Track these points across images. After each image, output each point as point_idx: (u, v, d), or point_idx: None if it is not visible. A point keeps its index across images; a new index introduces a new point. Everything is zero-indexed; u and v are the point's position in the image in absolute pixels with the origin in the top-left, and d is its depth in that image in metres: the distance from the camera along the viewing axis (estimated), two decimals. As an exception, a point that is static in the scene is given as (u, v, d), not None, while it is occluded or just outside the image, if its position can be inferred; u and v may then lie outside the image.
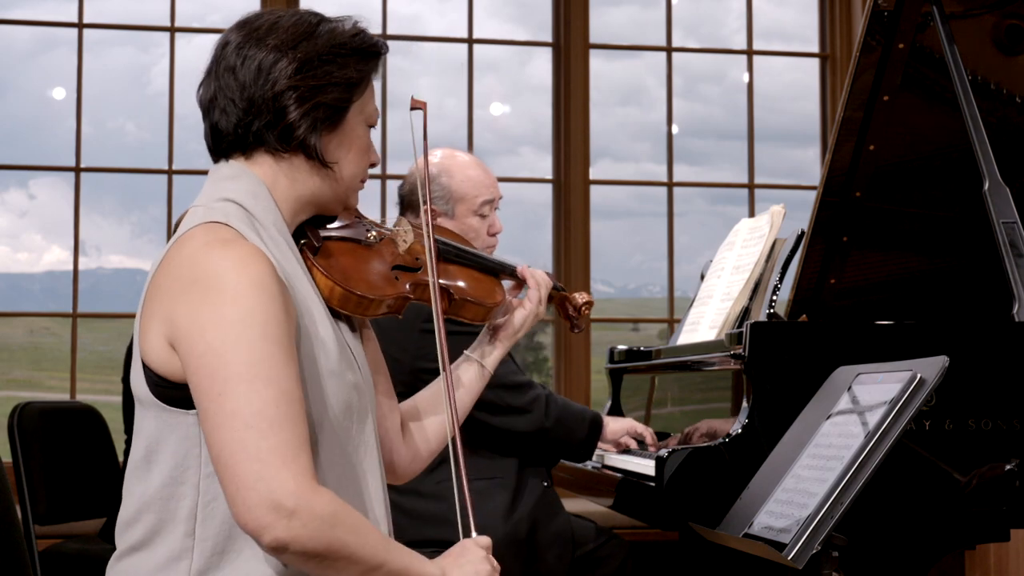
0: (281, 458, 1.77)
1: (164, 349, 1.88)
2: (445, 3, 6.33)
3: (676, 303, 5.96)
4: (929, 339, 2.91)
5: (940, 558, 2.96)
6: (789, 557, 2.07)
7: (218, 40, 2.06)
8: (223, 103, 2.00)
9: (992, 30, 3.47)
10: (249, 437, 1.77)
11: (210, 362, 1.80)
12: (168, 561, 1.90)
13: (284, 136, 2.00)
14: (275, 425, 1.78)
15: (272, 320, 1.83)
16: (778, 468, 2.36)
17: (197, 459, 1.89)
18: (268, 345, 1.81)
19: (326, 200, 2.08)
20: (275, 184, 2.02)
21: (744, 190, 6.05)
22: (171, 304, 1.86)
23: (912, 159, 3.55)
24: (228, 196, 1.98)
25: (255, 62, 1.98)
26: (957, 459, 2.85)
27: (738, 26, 6.28)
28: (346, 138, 2.05)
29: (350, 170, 2.08)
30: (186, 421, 1.89)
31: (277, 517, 1.75)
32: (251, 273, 1.84)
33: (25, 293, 8.71)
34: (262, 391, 1.79)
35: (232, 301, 1.82)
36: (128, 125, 7.17)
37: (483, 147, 5.83)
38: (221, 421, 1.79)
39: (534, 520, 3.58)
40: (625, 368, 3.92)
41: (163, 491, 1.91)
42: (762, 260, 3.41)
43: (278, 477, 1.76)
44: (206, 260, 1.85)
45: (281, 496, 1.75)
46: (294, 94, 1.98)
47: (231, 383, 1.79)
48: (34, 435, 4.14)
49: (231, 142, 2.03)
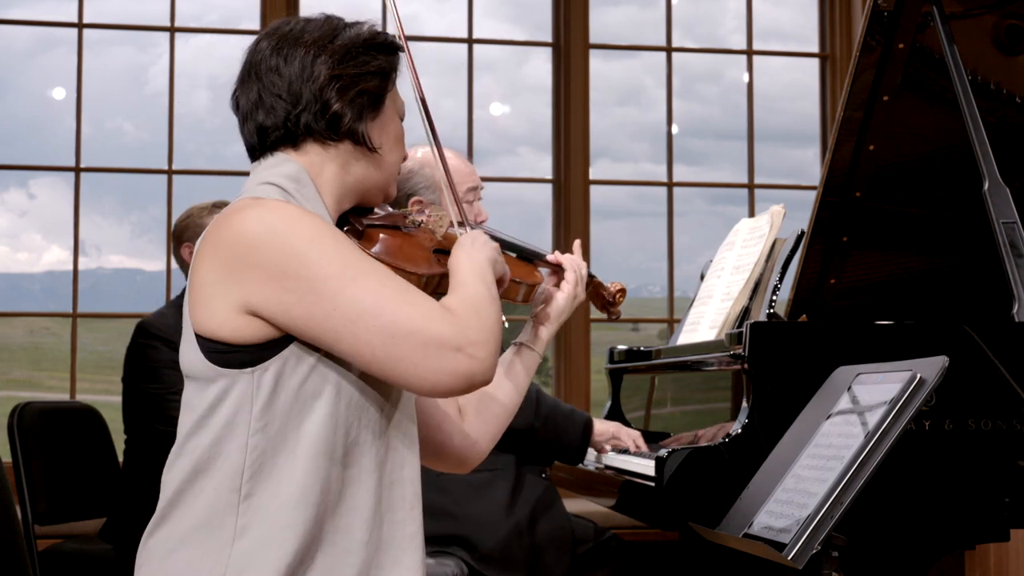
0: (423, 316, 1.92)
1: (232, 314, 1.96)
2: (443, 3, 6.33)
3: (676, 303, 5.96)
4: (929, 339, 2.91)
5: (940, 558, 2.96)
6: (789, 557, 2.07)
7: (249, 48, 2.17)
8: (269, 101, 2.11)
9: (992, 30, 3.46)
10: (386, 321, 1.91)
11: (309, 290, 1.92)
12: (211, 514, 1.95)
13: (332, 124, 2.10)
14: (396, 299, 1.92)
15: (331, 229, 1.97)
16: (778, 468, 2.36)
17: (248, 415, 1.96)
18: (344, 246, 1.95)
19: (372, 185, 2.18)
20: (321, 171, 2.12)
21: (743, 190, 6.05)
22: (235, 271, 1.95)
23: (912, 159, 3.55)
24: (269, 180, 2.07)
25: (296, 59, 2.10)
26: (957, 459, 2.85)
27: (735, 26, 6.28)
28: (385, 126, 2.18)
29: (391, 156, 2.19)
30: (241, 381, 1.97)
31: (467, 356, 1.93)
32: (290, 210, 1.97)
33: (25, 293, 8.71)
34: (365, 283, 1.93)
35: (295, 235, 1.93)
36: (126, 125, 7.17)
37: (482, 147, 5.84)
38: (354, 330, 1.91)
39: (535, 516, 3.59)
40: (625, 368, 3.92)
41: (211, 447, 1.97)
42: (762, 260, 3.41)
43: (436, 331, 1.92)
44: (248, 219, 1.96)
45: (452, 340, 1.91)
46: (338, 83, 2.10)
47: (338, 295, 1.91)
48: (34, 435, 4.14)
49: (280, 136, 2.12)
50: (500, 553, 3.55)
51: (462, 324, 1.93)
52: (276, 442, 1.95)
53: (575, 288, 2.48)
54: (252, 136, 2.14)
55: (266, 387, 1.96)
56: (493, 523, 3.56)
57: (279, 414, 1.96)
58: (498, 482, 3.58)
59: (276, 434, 1.96)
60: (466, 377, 1.92)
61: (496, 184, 5.74)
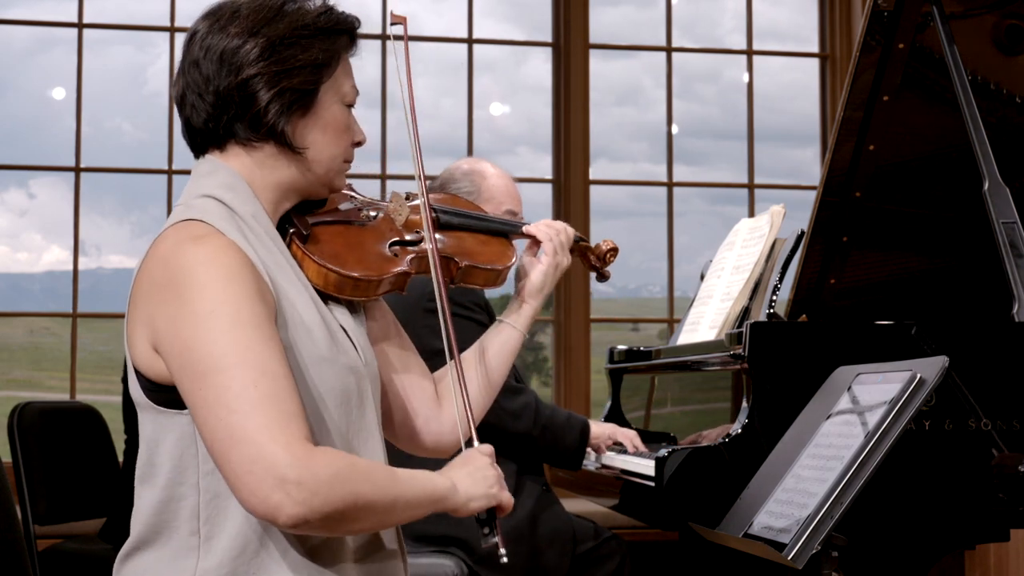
0: (269, 434, 1.74)
1: (149, 353, 1.88)
2: (441, 3, 6.33)
3: (676, 303, 5.96)
4: (929, 339, 2.91)
5: (940, 558, 2.96)
6: (789, 557, 2.07)
7: (187, 33, 2.04)
8: (192, 98, 1.98)
9: (992, 30, 3.46)
10: (234, 421, 1.75)
11: (187, 359, 1.80)
12: (173, 559, 1.90)
13: (253, 125, 1.97)
14: (257, 405, 1.76)
15: (244, 306, 1.82)
16: (778, 468, 2.36)
17: (194, 458, 1.89)
18: (240, 331, 1.80)
19: (305, 186, 2.05)
20: (252, 175, 2.00)
21: (742, 190, 6.05)
22: (150, 308, 1.87)
23: (912, 159, 3.55)
24: (205, 192, 1.96)
25: (217, 52, 1.96)
26: (957, 459, 2.85)
27: (733, 26, 6.28)
28: (320, 120, 2.01)
29: (328, 152, 2.03)
30: (180, 421, 1.89)
31: (283, 493, 1.72)
32: (220, 264, 1.83)
33: (25, 293, 8.71)
34: (239, 375, 1.77)
35: (201, 296, 1.81)
36: (125, 125, 7.17)
37: (481, 147, 5.84)
38: (205, 413, 1.78)
39: (535, 517, 3.59)
40: (625, 368, 3.92)
41: (165, 492, 1.91)
42: (762, 260, 3.41)
43: (272, 453, 1.73)
44: (177, 259, 1.85)
45: (280, 470, 1.72)
46: (259, 80, 1.95)
47: (208, 375, 1.78)
48: (34, 435, 4.14)
49: (204, 137, 2.01)
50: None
51: (305, 464, 1.74)
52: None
53: (554, 258, 2.34)
54: (183, 134, 2.04)
55: None
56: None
57: None
58: (498, 482, 3.58)
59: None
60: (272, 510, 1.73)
61: (496, 184, 5.72)
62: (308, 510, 1.73)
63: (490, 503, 2.00)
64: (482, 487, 1.99)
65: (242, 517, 1.87)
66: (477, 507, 1.98)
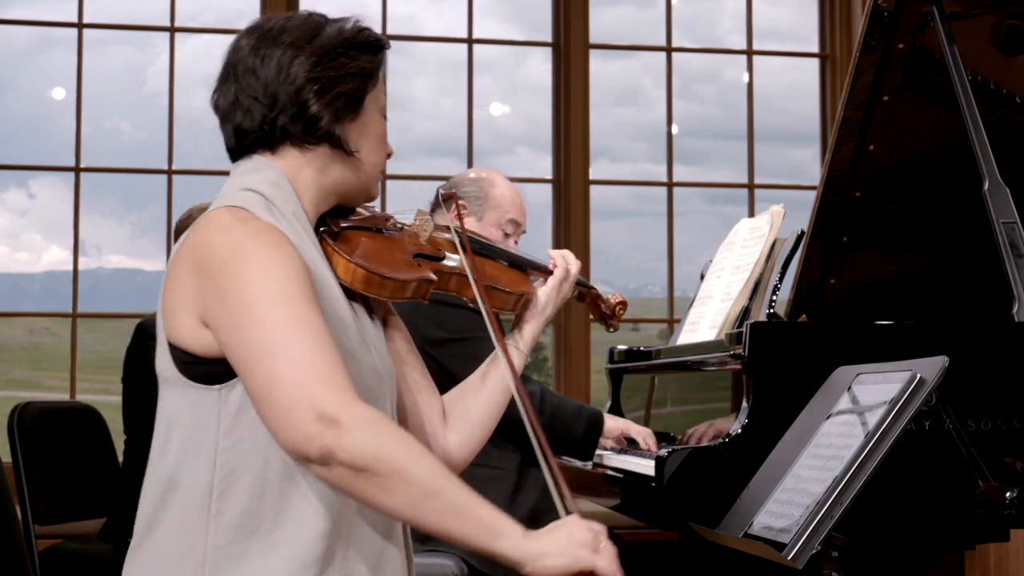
0: (315, 377, 1.81)
1: (194, 326, 1.94)
2: (441, 3, 6.33)
3: (676, 303, 5.96)
4: (929, 339, 2.91)
5: (940, 558, 2.96)
6: (789, 557, 2.07)
7: (230, 46, 2.14)
8: (246, 103, 2.08)
9: (992, 30, 3.46)
10: (278, 366, 1.82)
11: (236, 320, 1.87)
12: (182, 534, 1.94)
13: (309, 127, 2.07)
14: (302, 352, 1.83)
15: (291, 270, 1.90)
16: (778, 468, 2.36)
17: (215, 433, 1.94)
18: (286, 288, 1.88)
19: (350, 188, 2.14)
20: (299, 175, 2.09)
21: (742, 190, 6.05)
22: (196, 283, 1.93)
23: (912, 159, 3.55)
24: (248, 186, 2.04)
25: (274, 60, 2.06)
26: (957, 459, 2.84)
27: (732, 26, 6.28)
28: (365, 127, 2.13)
29: (371, 158, 2.15)
30: (209, 397, 1.95)
31: (320, 425, 1.77)
32: (266, 240, 1.92)
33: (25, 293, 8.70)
34: (284, 325, 1.85)
35: (248, 262, 1.89)
36: (124, 125, 7.16)
37: (480, 147, 5.84)
38: (252, 364, 1.85)
39: (535, 512, 3.60)
40: (625, 368, 3.92)
41: (179, 467, 1.96)
42: (762, 260, 3.41)
43: (315, 392, 1.80)
44: (222, 238, 1.93)
45: (321, 405, 1.79)
46: (315, 86, 2.06)
47: (255, 328, 1.85)
48: (34, 435, 4.14)
49: (257, 139, 2.09)
50: None
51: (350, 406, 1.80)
52: (244, 460, 1.93)
53: (560, 283, 2.40)
54: (230, 138, 2.12)
55: (233, 404, 1.93)
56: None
57: (247, 432, 1.93)
58: (500, 479, 3.59)
59: (245, 453, 1.93)
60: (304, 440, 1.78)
61: (496, 184, 5.73)
62: (338, 445, 1.77)
63: (574, 565, 1.80)
64: (564, 545, 1.81)
65: (256, 495, 1.92)
66: (555, 564, 1.79)
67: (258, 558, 1.92)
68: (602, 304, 2.66)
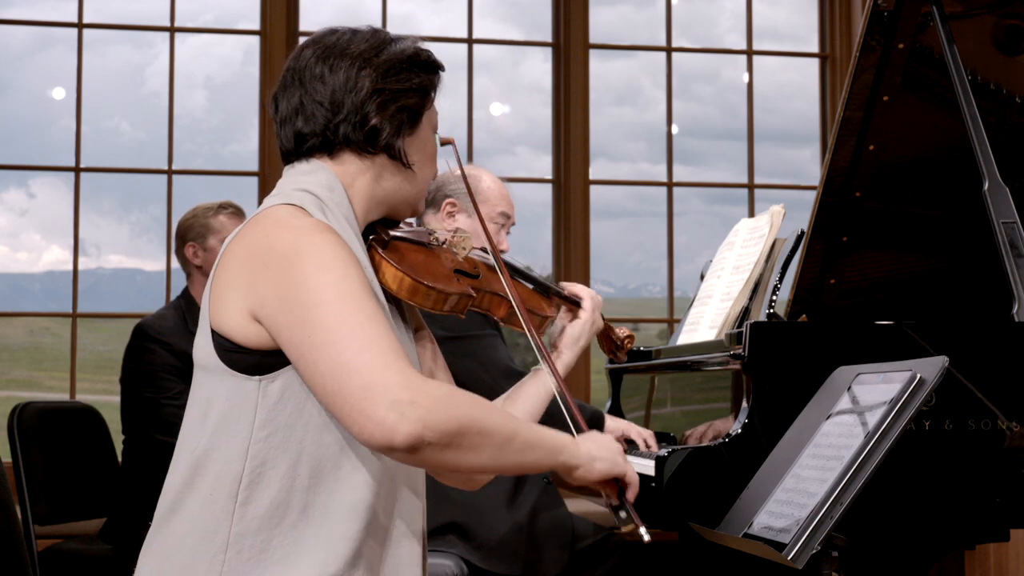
0: (382, 364, 1.85)
1: (243, 318, 1.98)
2: (440, 3, 6.33)
3: (676, 303, 5.96)
4: (929, 339, 2.91)
5: (940, 558, 2.96)
6: (789, 557, 2.07)
7: (293, 54, 2.20)
8: (311, 108, 2.14)
9: (992, 30, 3.47)
10: (345, 359, 1.86)
11: (299, 315, 1.91)
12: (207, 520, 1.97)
13: (370, 137, 2.14)
14: (367, 343, 1.87)
15: (350, 265, 1.96)
16: (778, 468, 2.36)
17: (250, 423, 1.98)
18: (347, 283, 1.92)
19: (403, 199, 2.21)
20: (354, 181, 2.15)
21: (742, 190, 6.05)
22: (251, 277, 1.97)
23: (912, 159, 3.55)
24: (303, 187, 2.11)
25: (341, 70, 2.13)
26: (957, 459, 2.85)
27: (730, 26, 6.28)
28: (421, 142, 2.20)
29: (423, 173, 2.22)
30: (248, 387, 1.99)
31: (399, 413, 1.82)
32: (321, 238, 1.97)
33: (25, 293, 8.71)
34: (348, 318, 1.89)
35: (309, 258, 1.94)
36: (123, 124, 7.16)
37: (480, 147, 5.85)
38: (317, 358, 1.89)
39: (535, 510, 3.61)
40: (625, 368, 3.92)
41: (209, 451, 1.99)
42: (762, 260, 3.41)
43: (385, 379, 1.84)
44: (281, 234, 1.98)
45: (394, 392, 1.83)
46: (379, 98, 2.13)
47: (319, 322, 1.89)
48: (34, 435, 4.14)
49: (317, 144, 2.15)
50: (498, 544, 3.56)
51: (418, 386, 1.85)
52: (277, 453, 1.97)
53: (592, 315, 2.50)
54: (289, 141, 2.18)
55: (272, 397, 1.98)
56: (493, 514, 3.58)
57: (283, 425, 1.98)
58: (501, 479, 3.59)
59: (279, 445, 1.97)
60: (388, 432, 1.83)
61: (496, 184, 5.73)
62: (423, 427, 1.82)
63: (614, 468, 2.08)
64: (607, 452, 2.08)
65: (285, 488, 1.97)
66: (602, 469, 2.07)
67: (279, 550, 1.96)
68: (613, 336, 2.71)
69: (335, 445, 1.99)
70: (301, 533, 1.97)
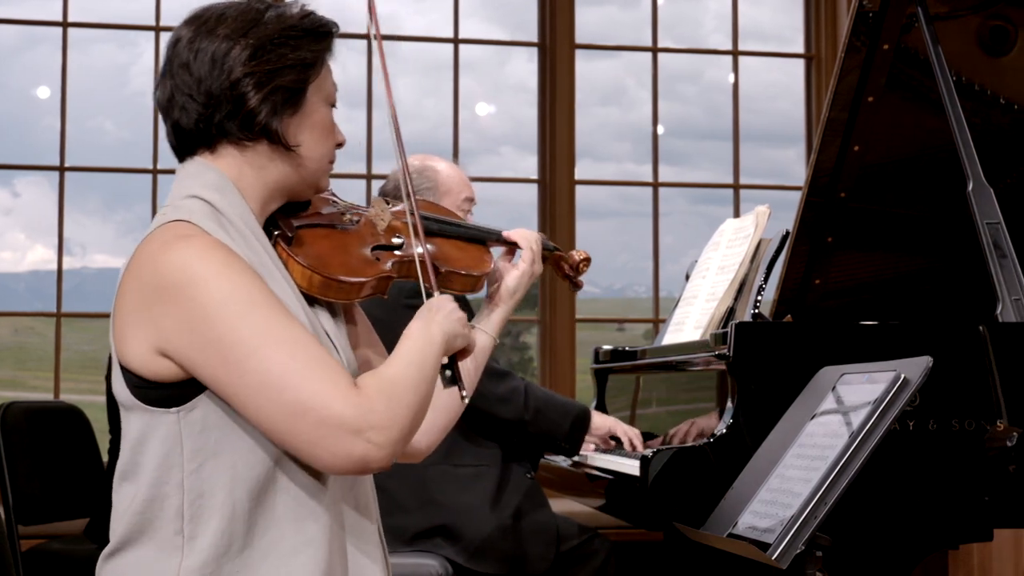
0: (325, 395, 1.82)
1: (148, 354, 1.89)
2: (424, 2, 6.33)
3: (661, 303, 5.97)
4: (913, 339, 2.92)
5: (924, 558, 2.97)
6: (773, 557, 2.07)
7: (170, 38, 2.06)
8: (181, 100, 2.00)
9: (977, 31, 3.47)
10: (288, 398, 1.81)
11: (216, 352, 1.83)
12: (156, 559, 1.91)
13: (246, 124, 1.99)
14: (303, 375, 1.82)
15: (253, 287, 1.87)
16: (762, 468, 2.36)
17: (180, 457, 1.90)
18: (259, 310, 1.85)
19: (295, 185, 2.07)
20: (241, 175, 2.02)
21: (727, 190, 6.06)
22: (149, 311, 1.87)
23: (897, 160, 3.56)
24: (192, 193, 1.99)
25: (207, 54, 1.98)
26: (941, 459, 2.85)
27: (715, 26, 6.29)
28: (308, 119, 2.05)
29: (317, 151, 2.07)
30: (167, 420, 1.90)
31: (365, 440, 1.82)
32: (214, 257, 1.87)
33: (9, 292, 8.68)
34: (275, 353, 1.83)
35: (207, 290, 1.84)
36: (107, 124, 7.15)
37: (465, 147, 5.84)
38: (256, 400, 1.83)
39: (519, 510, 3.60)
40: (610, 368, 3.92)
41: (149, 492, 1.93)
42: (747, 260, 3.42)
43: (336, 411, 1.81)
44: (170, 259, 1.87)
45: (350, 422, 1.81)
46: (251, 80, 1.97)
47: (244, 362, 1.82)
48: (18, 435, 4.12)
49: (194, 138, 2.02)
50: (483, 545, 3.56)
51: (366, 407, 1.83)
52: (212, 482, 1.89)
53: (531, 266, 2.38)
54: (171, 137, 2.06)
55: (195, 427, 1.89)
56: (478, 514, 3.57)
57: (211, 454, 1.90)
58: (484, 476, 3.59)
59: (211, 474, 1.89)
60: (360, 461, 1.83)
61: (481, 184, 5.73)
62: (391, 443, 1.85)
63: (467, 341, 2.08)
64: (459, 327, 2.05)
65: (227, 516, 1.89)
66: (460, 345, 2.06)
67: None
68: (565, 265, 2.58)
69: (267, 462, 1.91)
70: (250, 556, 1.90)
